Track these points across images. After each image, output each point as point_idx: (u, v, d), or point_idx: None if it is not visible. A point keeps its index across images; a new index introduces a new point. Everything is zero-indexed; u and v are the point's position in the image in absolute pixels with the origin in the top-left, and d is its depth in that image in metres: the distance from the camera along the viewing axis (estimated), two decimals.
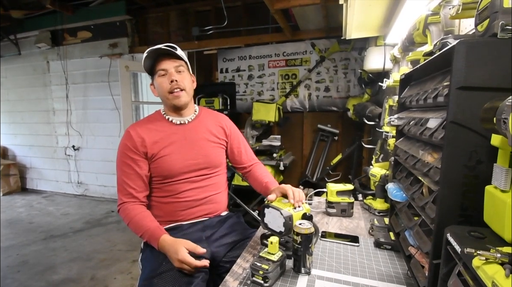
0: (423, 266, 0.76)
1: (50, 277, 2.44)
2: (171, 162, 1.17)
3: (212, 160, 1.26)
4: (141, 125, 1.22)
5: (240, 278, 0.92)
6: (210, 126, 1.31)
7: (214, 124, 1.33)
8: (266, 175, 1.36)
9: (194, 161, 1.21)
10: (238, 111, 4.02)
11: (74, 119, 4.66)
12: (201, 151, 1.24)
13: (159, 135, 1.20)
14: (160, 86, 1.19)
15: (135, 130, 1.19)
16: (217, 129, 1.32)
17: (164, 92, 1.19)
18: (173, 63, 1.18)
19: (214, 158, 1.27)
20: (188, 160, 1.20)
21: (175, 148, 1.20)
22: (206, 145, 1.26)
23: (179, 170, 1.19)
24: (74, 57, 4.47)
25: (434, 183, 0.68)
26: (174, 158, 1.18)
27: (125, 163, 1.16)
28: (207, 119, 1.32)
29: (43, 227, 3.52)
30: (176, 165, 1.18)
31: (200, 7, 3.93)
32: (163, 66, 1.17)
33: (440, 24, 0.95)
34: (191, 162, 1.21)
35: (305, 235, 0.91)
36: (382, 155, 1.75)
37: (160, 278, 0.99)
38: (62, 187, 4.98)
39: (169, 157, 1.18)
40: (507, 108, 0.42)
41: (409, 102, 0.93)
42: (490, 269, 0.42)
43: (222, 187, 1.33)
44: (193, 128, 1.26)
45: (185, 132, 1.24)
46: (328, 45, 3.61)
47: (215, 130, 1.31)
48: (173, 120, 1.25)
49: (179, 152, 1.20)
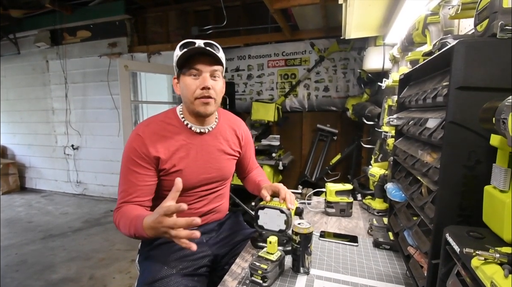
0: (422, 266, 0.76)
1: (49, 276, 2.43)
2: (185, 177, 1.03)
3: (225, 173, 1.19)
4: (155, 130, 1.05)
5: (239, 277, 0.92)
6: (227, 136, 1.20)
7: (231, 133, 1.22)
8: (260, 175, 1.33)
9: (208, 175, 1.13)
10: (237, 110, 4.02)
11: (73, 118, 4.65)
12: (216, 164, 1.14)
13: (176, 145, 1.05)
14: (187, 87, 1.02)
15: (147, 134, 1.03)
16: (233, 139, 1.22)
17: (189, 96, 1.02)
18: (210, 66, 1.01)
19: (227, 171, 1.20)
20: (202, 174, 1.11)
21: (191, 161, 1.08)
22: (221, 158, 1.16)
23: (192, 185, 1.09)
24: (73, 56, 4.46)
25: (433, 183, 0.68)
26: (189, 172, 1.07)
27: (131, 170, 1.01)
28: (225, 127, 1.20)
29: (42, 227, 3.52)
30: (190, 181, 1.07)
31: (199, 6, 3.93)
32: (198, 66, 1.00)
33: (440, 24, 0.95)
34: (205, 177, 1.12)
35: (304, 235, 0.91)
36: (381, 155, 1.75)
37: (161, 283, 0.97)
38: (61, 186, 4.98)
39: (184, 172, 1.06)
40: (506, 108, 0.42)
41: (408, 102, 0.93)
42: (489, 269, 0.42)
43: (227, 196, 1.29)
44: (212, 138, 1.14)
45: (202, 142, 1.11)
46: (328, 45, 3.61)
47: (231, 141, 1.21)
48: (193, 128, 1.09)
49: (195, 166, 1.09)
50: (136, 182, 1.01)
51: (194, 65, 1.00)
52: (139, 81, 4.22)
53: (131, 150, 1.02)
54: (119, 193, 1.04)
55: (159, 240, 1.12)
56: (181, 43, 1.03)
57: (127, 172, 1.02)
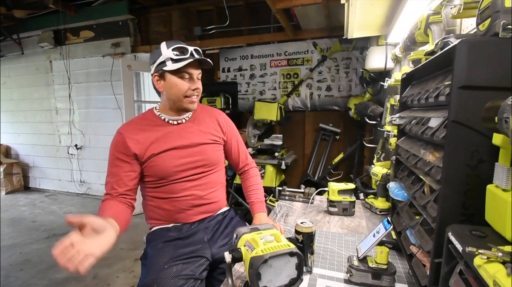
0: (425, 265, 0.76)
1: (53, 275, 2.45)
2: (164, 162, 1.14)
3: (209, 158, 1.23)
4: (134, 126, 1.18)
5: (242, 277, 0.92)
6: (206, 123, 1.28)
7: (210, 121, 1.30)
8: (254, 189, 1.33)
9: (190, 159, 1.18)
10: (240, 110, 4.03)
11: (76, 118, 4.68)
12: (197, 149, 1.21)
13: (154, 136, 1.16)
14: (177, 87, 1.13)
15: (127, 130, 1.16)
16: (214, 126, 1.29)
17: (179, 94, 1.14)
18: (198, 70, 1.16)
19: (211, 155, 1.24)
20: (183, 158, 1.17)
21: (170, 148, 1.16)
22: (201, 141, 1.23)
23: (174, 169, 1.15)
24: (77, 56, 4.49)
25: (435, 182, 0.68)
26: (168, 158, 1.15)
27: (113, 164, 1.14)
28: (203, 116, 1.29)
29: (46, 226, 3.54)
30: (170, 165, 1.15)
31: (202, 6, 3.93)
32: (190, 70, 1.12)
33: (442, 24, 0.95)
34: (186, 160, 1.18)
35: (306, 234, 0.91)
36: (383, 154, 1.75)
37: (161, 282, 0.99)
38: (64, 186, 5.01)
39: (162, 157, 1.15)
40: (508, 107, 0.43)
41: (411, 101, 0.93)
42: (492, 268, 0.42)
43: (220, 184, 1.31)
44: (189, 126, 1.23)
45: (180, 131, 1.21)
46: (330, 45, 3.61)
47: (211, 127, 1.28)
48: (169, 121, 1.21)
49: (174, 152, 1.17)
50: (118, 173, 1.13)
51: (186, 69, 1.12)
52: (142, 81, 4.24)
53: (113, 146, 1.16)
54: (105, 185, 1.15)
55: (159, 240, 1.14)
56: (173, 47, 1.10)
57: (111, 165, 1.15)
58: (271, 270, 0.71)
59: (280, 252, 0.72)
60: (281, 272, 0.73)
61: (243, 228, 0.88)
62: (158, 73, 1.14)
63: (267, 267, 0.71)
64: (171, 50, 1.09)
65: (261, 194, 1.32)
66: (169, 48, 1.10)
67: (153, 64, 1.14)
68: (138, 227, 3.15)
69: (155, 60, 1.13)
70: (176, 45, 1.11)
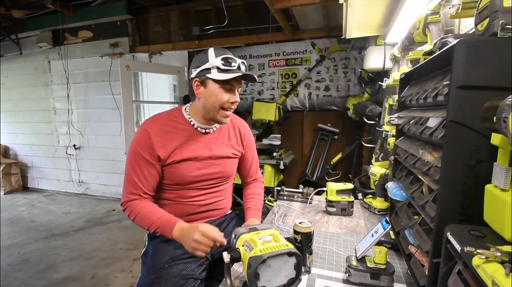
0: (423, 265, 0.76)
1: (52, 275, 2.44)
2: (183, 170, 1.12)
3: (226, 171, 1.23)
4: (160, 126, 1.12)
5: (241, 276, 0.92)
6: (231, 135, 1.26)
7: (233, 133, 1.28)
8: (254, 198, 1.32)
9: (209, 170, 1.17)
10: (239, 110, 4.01)
11: (75, 118, 4.67)
12: (217, 161, 1.19)
13: (179, 141, 1.12)
14: (217, 96, 1.09)
15: (152, 129, 1.10)
16: (236, 139, 1.28)
17: (216, 104, 1.09)
18: (240, 83, 1.13)
19: (228, 169, 1.24)
20: (202, 169, 1.16)
21: (192, 157, 1.14)
22: (223, 155, 1.21)
23: (191, 179, 1.14)
24: (75, 56, 4.48)
25: (434, 182, 0.68)
26: (187, 166, 1.13)
27: (137, 163, 1.09)
28: (228, 127, 1.27)
29: (44, 226, 3.53)
30: (188, 174, 1.13)
31: (200, 6, 3.93)
32: (233, 83, 1.09)
33: (440, 24, 0.95)
34: (204, 171, 1.16)
35: (305, 234, 0.91)
36: (382, 154, 1.75)
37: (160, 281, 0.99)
38: (63, 186, 5.00)
39: (183, 165, 1.12)
40: (507, 107, 0.43)
41: (409, 101, 0.93)
42: (490, 267, 0.42)
43: (229, 192, 1.32)
44: (215, 137, 1.21)
45: (205, 141, 1.18)
46: (328, 45, 3.61)
47: (234, 140, 1.27)
48: (198, 128, 1.16)
49: (195, 162, 1.14)
50: (143, 173, 1.09)
51: (230, 81, 1.08)
52: (140, 81, 4.23)
53: (138, 144, 1.09)
54: (126, 184, 1.10)
55: (160, 238, 1.13)
56: (222, 56, 1.06)
57: (135, 163, 1.09)
58: (270, 270, 0.72)
59: (278, 252, 0.72)
60: (279, 272, 0.73)
61: (241, 228, 0.88)
62: (200, 78, 1.09)
63: (265, 267, 0.71)
64: (220, 59, 1.06)
65: (260, 204, 1.31)
66: (218, 57, 1.06)
67: (196, 69, 1.09)
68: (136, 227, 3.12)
69: (199, 65, 1.08)
70: (225, 55, 1.07)
